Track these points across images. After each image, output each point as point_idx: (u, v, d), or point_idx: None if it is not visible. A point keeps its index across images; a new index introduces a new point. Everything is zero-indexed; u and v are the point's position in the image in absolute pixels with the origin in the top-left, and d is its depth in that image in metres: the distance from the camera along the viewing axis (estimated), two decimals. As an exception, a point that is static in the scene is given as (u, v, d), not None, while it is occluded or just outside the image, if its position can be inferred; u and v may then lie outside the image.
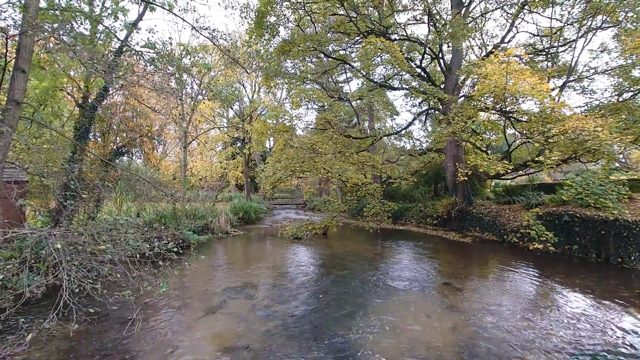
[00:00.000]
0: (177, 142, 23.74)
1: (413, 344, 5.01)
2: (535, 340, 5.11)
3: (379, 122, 29.86)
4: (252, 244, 14.30)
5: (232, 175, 30.77)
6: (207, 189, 24.77)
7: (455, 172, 13.36)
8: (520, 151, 16.88)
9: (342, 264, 9.98)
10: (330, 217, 15.60)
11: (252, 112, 27.23)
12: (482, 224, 14.78)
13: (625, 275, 8.48)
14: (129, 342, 5.13)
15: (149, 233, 7.12)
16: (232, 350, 4.85)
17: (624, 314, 6.05)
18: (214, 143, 30.17)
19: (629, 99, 11.80)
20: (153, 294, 6.50)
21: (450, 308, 6.47)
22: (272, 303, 6.84)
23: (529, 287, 7.81)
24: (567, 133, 8.89)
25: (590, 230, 10.24)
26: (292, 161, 15.08)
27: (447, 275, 8.76)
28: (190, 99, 18.53)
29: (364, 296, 7.16)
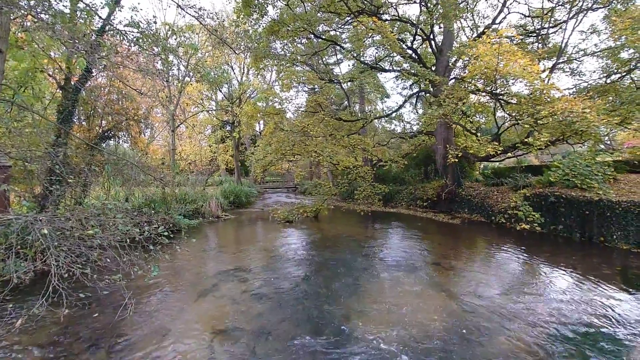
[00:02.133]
0: (165, 125, 23.30)
1: (404, 322, 5.11)
2: (522, 316, 5.26)
3: (370, 105, 29.70)
4: (244, 228, 14.30)
5: (222, 159, 30.48)
6: (196, 173, 24.51)
7: (446, 154, 13.43)
8: (509, 133, 17.02)
9: (333, 246, 10.06)
10: (322, 201, 15.63)
11: (242, 95, 26.78)
12: (471, 205, 15.00)
13: (607, 254, 8.75)
14: (121, 326, 5.13)
15: (138, 218, 7.03)
16: (225, 333, 4.89)
17: (605, 290, 6.26)
18: (203, 126, 29.70)
19: (617, 81, 11.89)
20: (144, 278, 6.48)
21: (439, 287, 6.60)
22: (264, 285, 6.88)
23: (515, 266, 8.01)
24: (556, 115, 8.96)
25: (574, 211, 10.48)
26: (283, 144, 14.96)
27: (437, 256, 8.91)
28: (177, 81, 18.09)
29: (356, 277, 7.25)
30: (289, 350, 4.42)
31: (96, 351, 4.45)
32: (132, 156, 14.45)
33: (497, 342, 4.54)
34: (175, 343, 4.62)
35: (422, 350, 4.35)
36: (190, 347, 4.52)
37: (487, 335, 4.72)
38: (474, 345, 4.45)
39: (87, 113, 13.42)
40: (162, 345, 4.56)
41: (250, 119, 20.75)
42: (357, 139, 16.67)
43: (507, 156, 15.88)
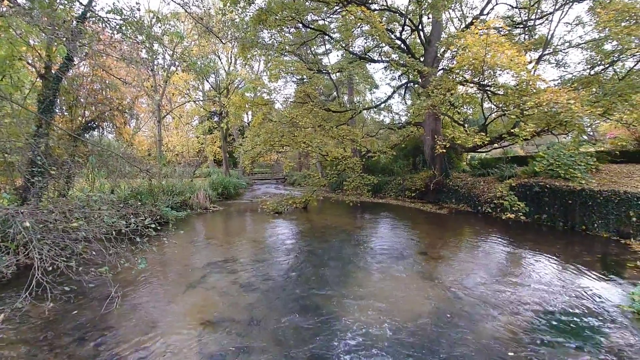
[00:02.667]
0: (151, 116, 22.85)
1: (392, 309, 5.19)
2: (506, 302, 5.40)
3: (359, 96, 29.61)
4: (232, 219, 14.23)
5: (209, 151, 30.11)
6: (184, 165, 24.18)
7: (434, 145, 13.54)
8: (495, 124, 17.22)
9: (322, 237, 10.10)
10: (311, 191, 15.63)
11: (229, 85, 26.38)
12: (458, 196, 15.21)
13: (589, 242, 9.00)
14: (108, 318, 5.08)
15: (124, 210, 6.90)
16: (214, 324, 4.88)
17: (586, 277, 6.45)
18: (190, 117, 29.24)
19: (600, 73, 12.10)
20: (131, 270, 6.40)
21: (427, 276, 6.71)
22: (253, 276, 6.89)
23: (500, 255, 8.19)
24: (541, 106, 9.08)
25: (558, 200, 10.72)
26: (272, 135, 14.85)
27: (425, 245, 9.04)
28: (162, 70, 17.69)
29: (345, 267, 7.31)
30: (279, 339, 4.45)
31: (83, 345, 4.40)
32: (117, 147, 14.16)
33: (482, 328, 4.65)
34: (163, 335, 4.59)
35: (407, 332, 4.42)
36: (180, 338, 4.51)
37: (472, 321, 4.83)
38: (459, 330, 4.55)
39: (69, 103, 13.03)
40: (151, 338, 4.54)
41: (238, 109, 20.48)
42: (346, 129, 16.65)
43: (493, 147, 16.11)
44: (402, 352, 4.11)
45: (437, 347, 4.21)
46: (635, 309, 5.00)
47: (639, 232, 8.62)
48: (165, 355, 4.14)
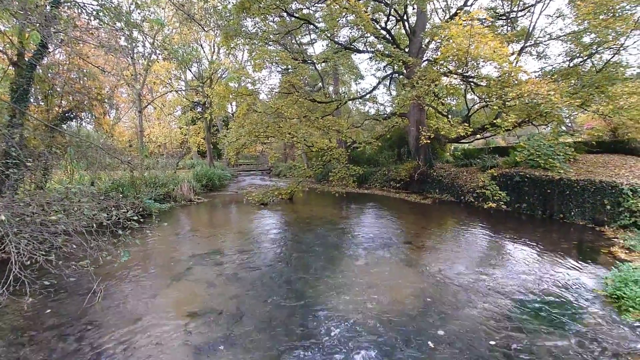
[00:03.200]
0: (131, 106, 22.25)
1: (378, 298, 5.27)
2: (488, 289, 5.55)
3: (344, 87, 29.53)
4: (217, 211, 14.10)
5: (193, 142, 29.61)
6: (167, 156, 23.73)
7: (418, 136, 13.67)
8: (478, 115, 17.49)
9: (308, 227, 10.13)
10: (296, 182, 15.61)
11: (212, 75, 25.85)
12: (442, 186, 15.45)
13: (566, 229, 9.32)
14: (91, 313, 5.00)
15: (105, 202, 6.74)
16: (200, 316, 4.86)
17: (563, 263, 6.69)
18: (172, 107, 28.57)
19: (579, 65, 12.39)
20: (114, 264, 6.29)
21: (411, 264, 6.83)
22: (239, 268, 6.87)
23: (482, 243, 8.40)
24: (523, 97, 9.26)
25: (537, 189, 11.03)
26: (256, 126, 14.70)
27: (409, 235, 9.18)
28: (143, 59, 17.18)
29: (330, 257, 7.36)
30: (266, 329, 4.47)
31: (64, 340, 4.32)
32: (96, 138, 13.77)
33: (463, 313, 4.78)
34: (148, 328, 4.55)
35: (391, 318, 4.51)
36: (165, 330, 4.47)
37: (454, 307, 4.96)
38: (442, 315, 4.67)
39: (44, 92, 12.51)
40: (134, 330, 4.49)
41: (222, 99, 20.10)
42: (331, 120, 16.61)
43: (476, 138, 16.38)
44: (385, 336, 4.19)
45: (419, 331, 4.30)
46: (608, 293, 5.22)
47: (612, 220, 8.96)
48: (149, 347, 4.11)
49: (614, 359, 3.73)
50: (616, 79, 10.39)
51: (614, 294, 5.10)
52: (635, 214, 8.43)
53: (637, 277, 5.26)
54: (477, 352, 3.90)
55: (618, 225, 8.73)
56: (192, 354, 3.96)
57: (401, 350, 3.94)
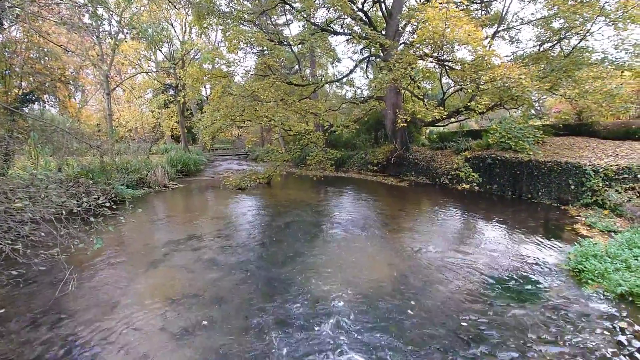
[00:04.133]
0: (99, 88, 21.20)
1: (355, 279, 5.40)
2: (460, 267, 5.79)
3: (321, 69, 29.21)
4: (194, 197, 13.86)
5: (166, 126, 28.69)
6: (139, 141, 22.92)
7: (395, 119, 13.79)
8: (453, 99, 17.79)
9: (286, 211, 10.15)
10: (274, 167, 15.50)
11: (184, 56, 24.89)
12: (418, 168, 15.77)
13: (533, 209, 9.78)
14: (64, 302, 4.87)
15: (74, 188, 6.47)
16: (179, 302, 4.83)
17: (530, 240, 7.05)
18: (143, 90, 27.42)
19: (548, 49, 12.75)
20: (87, 252, 6.10)
21: (388, 246, 7.01)
22: (218, 253, 6.83)
23: (455, 223, 8.71)
24: (495, 80, 9.49)
25: (508, 171, 11.47)
26: (232, 110, 14.37)
27: (386, 217, 9.38)
28: (109, 38, 16.31)
29: (308, 240, 7.43)
30: (245, 312, 4.50)
31: (37, 330, 4.20)
32: (62, 122, 13.08)
33: (437, 290, 4.98)
34: (125, 315, 4.49)
35: (367, 296, 4.65)
36: (142, 317, 4.43)
37: (429, 284, 5.16)
38: (417, 293, 4.85)
39: (1, 72, 11.72)
40: (111, 317, 4.42)
41: (195, 82, 19.43)
42: (308, 103, 16.46)
43: (450, 121, 16.72)
44: (362, 313, 4.32)
45: (395, 308, 4.46)
46: (571, 267, 5.57)
47: (576, 199, 9.46)
48: (127, 334, 4.06)
49: (572, 326, 4.01)
50: (582, 64, 10.79)
51: (576, 268, 5.44)
52: (596, 193, 8.92)
53: (596, 252, 5.62)
54: (449, 325, 4.09)
55: (581, 204, 9.23)
56: (171, 339, 3.95)
57: (378, 326, 4.08)
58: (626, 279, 4.66)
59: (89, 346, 3.85)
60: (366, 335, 3.92)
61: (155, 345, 3.84)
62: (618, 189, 8.49)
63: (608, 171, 8.81)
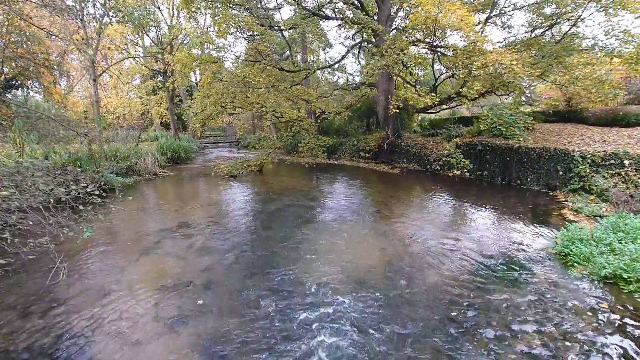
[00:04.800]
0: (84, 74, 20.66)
1: (347, 265, 5.45)
2: (449, 252, 5.89)
3: (312, 55, 28.82)
4: (185, 184, 13.75)
5: (155, 113, 28.19)
6: (127, 128, 22.51)
7: (387, 105, 13.76)
8: (445, 86, 17.78)
9: (278, 199, 10.14)
10: (266, 154, 15.42)
11: (173, 41, 24.28)
12: (409, 155, 15.83)
13: (522, 195, 9.93)
14: (55, 290, 4.83)
15: (62, 176, 6.36)
16: (171, 289, 4.83)
17: (518, 225, 7.18)
18: (130, 76, 26.77)
19: (540, 35, 12.75)
20: (77, 240, 6.03)
21: (379, 232, 7.07)
22: (210, 240, 6.82)
23: (446, 209, 8.81)
24: (487, 66, 9.48)
25: (498, 158, 11.59)
26: (222, 96, 14.15)
27: (378, 204, 9.44)
28: (94, 21, 15.80)
29: (301, 227, 7.46)
30: (237, 298, 4.53)
31: (28, 318, 4.18)
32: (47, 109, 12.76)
33: (428, 275, 5.07)
34: (117, 302, 4.48)
35: (361, 281, 4.71)
36: (135, 304, 4.43)
37: (420, 269, 5.24)
38: (409, 277, 4.93)
39: (-19, 57, 11.34)
40: (103, 306, 4.41)
41: (185, 67, 19.03)
42: (300, 90, 16.28)
43: (442, 108, 16.73)
44: (356, 297, 4.38)
45: (388, 291, 4.53)
46: (557, 251, 5.70)
47: (564, 185, 9.63)
48: (119, 321, 4.07)
49: (557, 307, 4.13)
50: (573, 50, 10.83)
51: (562, 252, 5.58)
52: (583, 179, 9.09)
53: (582, 236, 5.76)
54: (436, 306, 4.18)
55: (568, 190, 9.40)
56: (164, 326, 3.97)
57: (370, 308, 4.14)
58: (610, 262, 4.79)
59: (81, 334, 3.85)
60: (359, 315, 3.99)
61: (147, 332, 3.85)
62: (604, 175, 8.66)
63: (595, 157, 8.96)
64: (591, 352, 3.36)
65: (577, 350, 3.40)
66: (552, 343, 3.51)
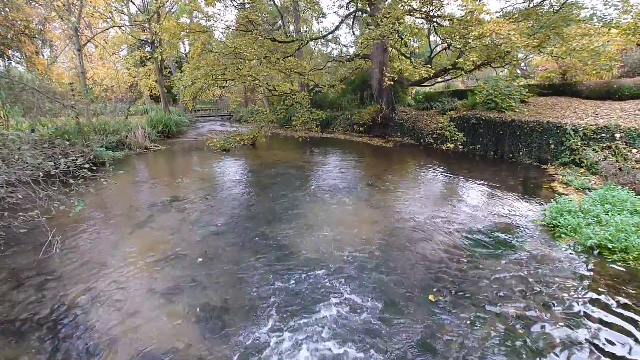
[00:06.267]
0: (68, 43, 19.84)
1: (341, 237, 5.52)
2: (441, 224, 5.98)
3: (305, 25, 27.93)
4: (177, 158, 13.60)
5: (144, 85, 27.40)
6: (116, 101, 21.93)
7: (382, 78, 13.54)
8: (440, 57, 17.46)
9: (271, 172, 10.12)
10: (259, 128, 15.22)
11: (159, 9, 23.25)
12: (403, 129, 15.76)
13: (514, 168, 10.02)
14: (49, 263, 4.85)
15: (50, 150, 6.23)
16: (166, 260, 4.87)
17: (509, 198, 7.28)
18: (116, 46, 25.76)
19: (538, 5, 12.45)
20: (68, 214, 6.00)
21: (373, 205, 7.13)
22: (204, 213, 6.83)
23: (439, 182, 8.89)
24: (484, 37, 9.29)
25: (491, 131, 11.59)
26: (213, 68, 13.75)
27: (371, 177, 9.46)
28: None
29: (295, 200, 7.48)
30: (232, 270, 4.59)
31: (23, 290, 4.21)
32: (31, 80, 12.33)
33: (420, 246, 5.17)
34: (112, 275, 4.51)
35: (354, 253, 4.80)
36: (130, 277, 4.47)
37: (412, 241, 5.33)
38: (401, 248, 5.03)
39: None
40: (98, 278, 4.44)
41: (173, 37, 18.31)
42: (293, 62, 15.87)
43: (437, 81, 16.51)
44: (348, 268, 4.47)
45: (380, 262, 4.63)
46: (546, 222, 5.82)
47: (555, 158, 9.72)
48: (115, 293, 4.11)
49: (543, 276, 4.26)
50: (571, 20, 10.63)
51: (551, 224, 5.70)
52: (574, 152, 9.17)
53: (570, 208, 5.87)
54: (427, 276, 4.29)
55: (559, 163, 9.50)
56: (160, 297, 4.02)
57: (365, 279, 4.24)
58: (596, 233, 4.92)
59: (77, 306, 3.89)
60: (350, 283, 4.08)
61: (144, 303, 3.91)
62: (595, 148, 8.73)
63: (587, 130, 9.01)
64: (572, 318, 3.50)
65: (558, 315, 3.54)
66: (536, 309, 3.64)
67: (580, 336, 3.25)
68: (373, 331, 3.37)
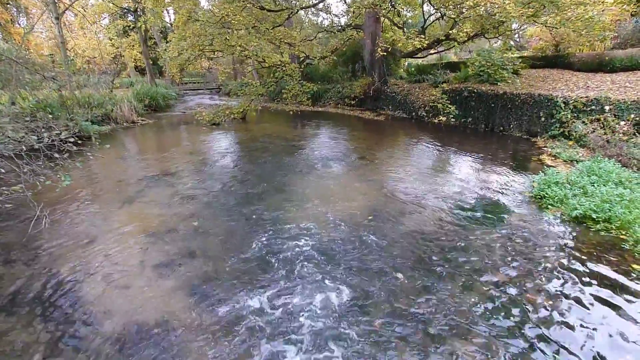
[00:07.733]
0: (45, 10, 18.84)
1: (332, 209, 5.55)
2: (431, 197, 6.05)
3: (296, -7, 26.89)
4: (165, 132, 13.35)
5: (129, 56, 26.43)
6: (99, 73, 21.18)
7: (374, 49, 13.25)
8: (433, 28, 17.10)
9: (262, 146, 10.02)
10: (248, 101, 14.92)
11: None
12: (395, 102, 15.61)
13: (504, 141, 10.08)
14: (38, 238, 4.80)
15: (33, 123, 6.03)
16: (156, 234, 4.86)
17: (498, 170, 7.36)
18: (97, 15, 24.61)
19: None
20: (55, 189, 5.89)
21: (363, 178, 7.15)
22: (194, 188, 6.79)
23: (430, 155, 8.92)
24: (479, 5, 9.07)
25: (483, 104, 11.55)
26: (200, 38, 13.23)
27: (362, 150, 9.45)
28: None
29: (286, 174, 7.46)
30: (226, 242, 4.62)
31: (12, 265, 4.19)
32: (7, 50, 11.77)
33: (411, 218, 5.24)
34: (103, 249, 4.51)
35: (345, 225, 4.86)
36: (120, 250, 4.47)
37: (403, 213, 5.40)
38: (391, 221, 5.09)
39: None
40: (89, 252, 4.43)
41: (156, 4, 17.53)
42: (282, 32, 15.38)
43: (429, 52, 16.23)
44: (339, 240, 4.53)
45: (371, 234, 4.69)
46: (534, 194, 5.92)
47: (545, 131, 9.78)
48: (107, 267, 4.11)
49: (528, 246, 4.38)
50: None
51: (539, 195, 5.80)
52: (564, 125, 9.22)
53: (558, 180, 5.97)
54: (417, 248, 4.37)
55: (549, 136, 9.57)
56: (152, 271, 4.04)
57: (354, 250, 4.31)
58: (582, 204, 5.02)
59: (69, 280, 3.89)
60: (341, 255, 4.15)
61: (136, 277, 3.92)
62: (584, 121, 8.78)
63: (577, 103, 9.02)
64: (554, 284, 3.62)
65: (541, 281, 3.66)
66: (521, 276, 3.76)
67: (563, 301, 3.37)
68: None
